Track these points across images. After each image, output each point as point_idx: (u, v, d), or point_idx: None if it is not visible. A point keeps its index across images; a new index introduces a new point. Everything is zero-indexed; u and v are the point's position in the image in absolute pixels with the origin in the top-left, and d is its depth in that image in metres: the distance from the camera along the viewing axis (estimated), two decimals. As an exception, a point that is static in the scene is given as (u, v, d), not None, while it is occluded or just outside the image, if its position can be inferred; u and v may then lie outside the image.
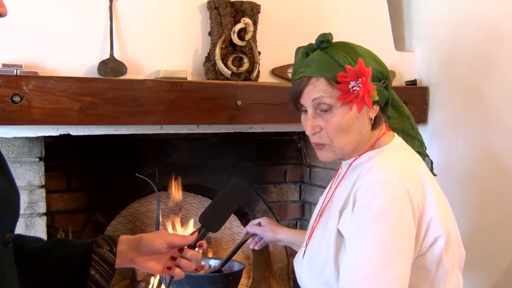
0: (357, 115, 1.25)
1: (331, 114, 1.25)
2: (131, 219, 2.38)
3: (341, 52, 1.25)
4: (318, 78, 1.25)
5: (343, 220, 1.22)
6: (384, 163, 1.24)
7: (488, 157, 2.05)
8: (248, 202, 2.55)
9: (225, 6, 1.90)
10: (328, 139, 1.28)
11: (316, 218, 1.40)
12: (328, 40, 1.28)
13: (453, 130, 2.18)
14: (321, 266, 1.26)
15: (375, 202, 1.16)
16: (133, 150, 2.28)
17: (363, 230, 1.16)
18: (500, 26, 2.00)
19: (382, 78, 1.28)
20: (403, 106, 1.43)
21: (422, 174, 1.25)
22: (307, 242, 1.39)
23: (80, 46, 1.80)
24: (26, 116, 1.62)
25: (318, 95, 1.25)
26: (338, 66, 1.24)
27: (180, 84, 1.82)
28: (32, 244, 1.25)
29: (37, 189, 1.82)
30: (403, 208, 1.16)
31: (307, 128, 1.30)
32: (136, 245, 1.27)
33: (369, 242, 1.14)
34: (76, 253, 1.23)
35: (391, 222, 1.15)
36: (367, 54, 1.28)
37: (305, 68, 1.28)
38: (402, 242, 1.15)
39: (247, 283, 2.69)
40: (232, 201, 1.32)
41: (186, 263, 1.27)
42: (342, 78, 1.22)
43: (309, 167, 2.65)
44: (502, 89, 2.00)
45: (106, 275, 1.23)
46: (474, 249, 2.05)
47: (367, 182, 1.19)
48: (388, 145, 1.31)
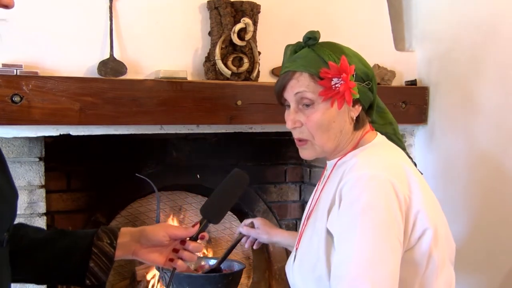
0: (338, 113, 1.27)
1: (312, 109, 1.28)
2: (131, 219, 2.38)
3: (326, 50, 1.28)
4: (302, 73, 1.28)
5: (331, 219, 1.23)
6: (367, 159, 1.26)
7: (487, 157, 2.05)
8: (248, 202, 2.55)
9: (225, 6, 1.90)
10: (309, 135, 1.30)
11: (304, 221, 1.41)
12: (315, 38, 1.30)
13: (453, 130, 2.18)
14: (312, 266, 1.26)
15: (362, 198, 1.17)
16: (133, 150, 2.28)
17: (351, 227, 1.16)
18: (500, 26, 2.00)
19: (367, 79, 1.30)
20: (388, 112, 1.45)
21: (407, 169, 1.25)
22: (297, 246, 1.39)
23: (80, 46, 1.80)
24: (26, 116, 1.62)
25: (301, 89, 1.28)
26: (323, 62, 1.26)
27: (180, 84, 1.83)
28: (33, 234, 1.26)
29: (37, 189, 1.82)
30: (390, 202, 1.17)
31: (288, 122, 1.32)
32: (138, 237, 1.28)
33: (359, 239, 1.15)
34: (77, 245, 1.24)
35: (379, 217, 1.15)
36: (353, 54, 1.31)
37: (291, 64, 1.31)
38: (392, 237, 1.16)
39: (247, 283, 2.69)
40: (233, 192, 1.32)
41: (188, 255, 1.28)
42: (324, 74, 1.25)
43: (309, 167, 2.65)
44: (502, 89, 2.00)
45: (105, 267, 1.24)
46: (473, 249, 2.05)
47: (352, 179, 1.20)
48: (371, 142, 1.33)
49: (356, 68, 1.27)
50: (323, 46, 1.30)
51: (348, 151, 1.32)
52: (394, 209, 1.17)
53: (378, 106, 1.40)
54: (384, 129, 1.43)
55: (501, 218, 2.01)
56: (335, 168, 1.33)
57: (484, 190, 2.07)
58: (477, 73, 2.09)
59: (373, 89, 1.33)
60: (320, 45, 1.30)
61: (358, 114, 1.31)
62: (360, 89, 1.27)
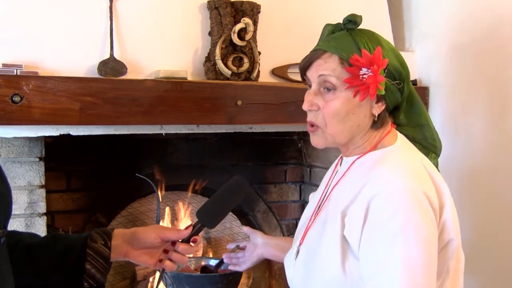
0: (359, 105, 1.20)
1: (333, 95, 1.21)
2: (131, 219, 2.38)
3: (364, 37, 1.22)
4: (332, 55, 1.21)
5: (350, 226, 1.17)
6: (396, 168, 1.18)
7: (488, 157, 2.05)
8: (248, 202, 2.55)
9: (225, 6, 1.90)
10: (323, 122, 1.23)
11: (311, 217, 1.34)
12: (356, 21, 1.24)
13: (453, 130, 2.18)
14: (322, 268, 1.21)
15: (399, 214, 1.10)
16: (133, 150, 2.28)
17: (393, 244, 1.10)
18: (500, 26, 2.00)
19: (399, 78, 1.23)
20: (421, 115, 1.35)
21: (434, 174, 1.21)
22: (301, 242, 1.33)
23: (80, 46, 1.80)
24: (26, 116, 1.62)
25: (326, 72, 1.21)
26: (356, 49, 1.19)
27: (180, 84, 1.82)
28: (28, 239, 1.26)
29: (37, 189, 1.82)
30: (427, 215, 1.12)
31: (305, 103, 1.25)
32: (130, 239, 1.28)
33: (404, 256, 1.08)
34: (72, 248, 1.24)
35: (421, 232, 1.10)
36: (390, 49, 1.24)
37: (323, 43, 1.24)
38: (434, 252, 1.12)
39: (247, 283, 2.69)
40: (231, 199, 1.31)
41: (178, 256, 1.28)
42: (355, 61, 1.18)
43: (309, 167, 2.65)
44: (502, 89, 2.00)
45: (102, 269, 1.24)
46: (474, 249, 2.05)
47: (384, 191, 1.13)
48: (393, 145, 1.26)
49: (390, 64, 1.20)
50: (362, 32, 1.23)
51: (367, 151, 1.25)
52: (431, 222, 1.13)
53: (415, 107, 1.33)
54: (413, 133, 1.34)
55: (501, 218, 2.00)
56: (353, 166, 1.27)
57: (485, 190, 2.07)
58: (477, 73, 2.09)
59: (403, 90, 1.25)
60: (359, 31, 1.24)
61: (381, 112, 1.24)
62: (388, 87, 1.21)
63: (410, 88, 1.30)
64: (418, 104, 1.34)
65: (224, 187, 1.31)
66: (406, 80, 1.25)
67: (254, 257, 1.62)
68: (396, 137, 1.29)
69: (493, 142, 2.03)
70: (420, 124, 1.35)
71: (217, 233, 2.60)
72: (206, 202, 1.30)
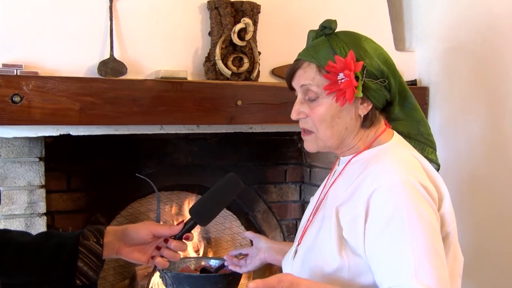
0: (343, 109, 1.22)
1: (317, 103, 1.24)
2: (131, 219, 2.38)
3: (341, 41, 1.23)
4: (310, 64, 1.24)
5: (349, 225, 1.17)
6: (392, 163, 1.19)
7: (488, 157, 2.05)
8: (248, 202, 2.55)
9: (225, 6, 1.90)
10: (314, 127, 1.26)
11: (309, 217, 1.36)
12: (331, 27, 1.25)
13: (453, 130, 2.18)
14: (322, 263, 1.21)
15: (402, 207, 1.11)
16: (133, 150, 2.28)
17: (402, 237, 1.10)
18: (499, 26, 2.00)
19: (381, 77, 1.23)
20: (416, 110, 1.36)
21: (428, 169, 1.23)
22: (299, 241, 1.34)
23: (80, 46, 1.80)
24: (26, 116, 1.62)
25: (306, 82, 1.24)
26: (333, 54, 1.21)
27: (180, 84, 1.82)
28: (20, 238, 1.25)
29: (37, 189, 1.82)
30: (428, 204, 1.14)
31: (292, 113, 1.29)
32: (121, 236, 1.28)
33: (414, 247, 1.09)
34: (64, 246, 1.24)
35: (425, 221, 1.11)
36: (371, 48, 1.24)
37: (303, 52, 1.27)
38: (439, 238, 1.13)
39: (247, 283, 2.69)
40: (225, 196, 1.31)
41: (170, 253, 1.28)
42: (330, 68, 1.20)
43: (309, 167, 2.65)
44: (502, 89, 2.00)
45: (95, 266, 1.24)
46: (473, 249, 2.05)
47: (382, 187, 1.14)
48: (388, 142, 1.27)
49: (367, 64, 1.20)
50: (338, 37, 1.24)
51: (362, 149, 1.27)
52: (433, 210, 1.15)
53: (409, 102, 1.34)
54: (408, 128, 1.36)
55: (501, 218, 2.00)
56: (348, 165, 1.28)
57: (485, 190, 2.07)
58: (477, 73, 2.09)
59: (391, 86, 1.25)
60: (336, 35, 1.25)
61: (368, 112, 1.25)
62: (370, 87, 1.21)
63: (400, 82, 1.30)
64: (411, 98, 1.35)
65: (217, 184, 1.31)
66: (392, 76, 1.26)
67: (256, 261, 1.62)
68: (392, 135, 1.30)
69: (493, 142, 2.03)
70: (416, 119, 1.37)
71: (217, 233, 2.60)
72: (199, 199, 1.30)
